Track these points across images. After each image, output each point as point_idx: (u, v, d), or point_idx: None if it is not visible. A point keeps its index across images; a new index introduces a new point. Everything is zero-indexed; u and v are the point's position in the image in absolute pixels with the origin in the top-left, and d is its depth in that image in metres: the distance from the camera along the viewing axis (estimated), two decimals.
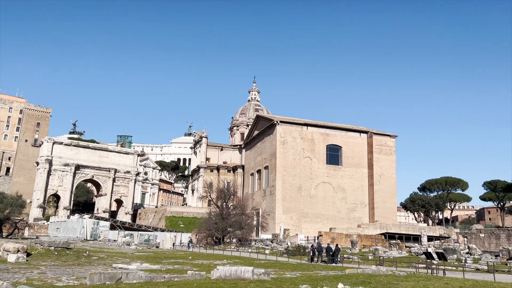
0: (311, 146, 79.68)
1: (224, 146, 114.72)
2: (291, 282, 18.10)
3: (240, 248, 50.81)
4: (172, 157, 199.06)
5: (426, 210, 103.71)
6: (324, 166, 79.70)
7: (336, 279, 19.20)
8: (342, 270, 24.71)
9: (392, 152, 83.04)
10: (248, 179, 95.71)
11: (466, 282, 19.45)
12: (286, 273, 22.67)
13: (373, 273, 22.40)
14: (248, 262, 31.06)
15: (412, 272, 24.57)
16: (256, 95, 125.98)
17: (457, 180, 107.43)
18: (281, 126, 78.64)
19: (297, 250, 42.13)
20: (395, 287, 17.03)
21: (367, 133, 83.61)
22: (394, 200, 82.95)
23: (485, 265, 29.88)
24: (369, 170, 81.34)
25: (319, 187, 78.25)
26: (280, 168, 76.55)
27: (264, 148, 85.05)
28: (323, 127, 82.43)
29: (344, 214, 78.19)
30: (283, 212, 74.41)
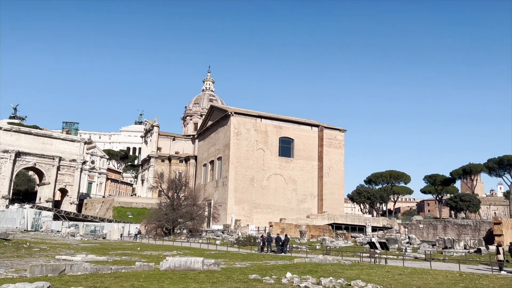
0: (265, 138, 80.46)
1: (176, 135, 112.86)
2: (241, 272, 18.30)
3: (191, 239, 50.51)
4: (122, 145, 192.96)
5: (371, 202, 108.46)
6: (277, 158, 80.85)
7: (284, 269, 19.65)
8: (291, 260, 25.33)
9: (341, 146, 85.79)
10: (200, 170, 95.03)
11: (405, 270, 20.65)
12: (236, 263, 22.87)
13: (320, 262, 23.16)
14: (199, 253, 30.99)
15: (357, 261, 25.69)
16: (211, 85, 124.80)
17: (400, 174, 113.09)
18: (235, 118, 78.62)
19: (248, 240, 42.57)
20: (340, 275, 17.73)
21: (318, 127, 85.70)
22: (342, 192, 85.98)
23: (423, 254, 31.84)
24: (319, 162, 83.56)
25: (271, 178, 79.35)
26: (234, 159, 76.68)
27: (217, 139, 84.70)
28: (277, 120, 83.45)
29: (294, 205, 79.97)
30: (235, 203, 74.76)
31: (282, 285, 14.45)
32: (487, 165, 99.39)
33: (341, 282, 14.97)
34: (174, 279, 15.57)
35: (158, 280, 15.07)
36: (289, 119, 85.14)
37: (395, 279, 17.15)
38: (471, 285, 15.86)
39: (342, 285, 14.66)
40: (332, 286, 14.21)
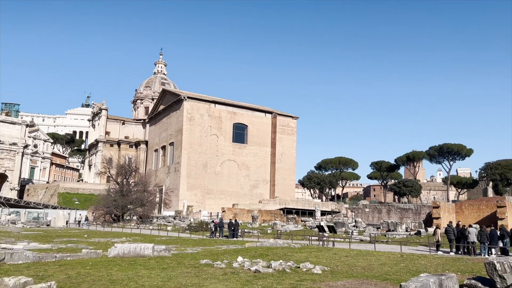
0: (218, 124, 79.98)
1: (126, 120, 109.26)
2: (192, 257, 18.24)
3: (141, 226, 49.57)
4: (67, 129, 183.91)
5: (321, 187, 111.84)
6: (230, 144, 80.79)
7: (236, 253, 19.83)
8: (242, 244, 25.59)
9: (294, 133, 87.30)
10: (151, 155, 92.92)
11: (351, 252, 21.56)
12: (187, 249, 22.76)
13: (270, 246, 23.61)
14: (149, 239, 30.50)
15: (306, 244, 26.46)
16: (163, 68, 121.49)
17: (349, 160, 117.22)
18: (188, 102, 77.33)
19: (200, 226, 42.47)
20: (290, 258, 18.18)
21: (272, 114, 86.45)
22: (293, 178, 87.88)
23: (368, 237, 33.40)
24: (272, 149, 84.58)
25: (225, 164, 79.30)
26: (186, 145, 75.67)
27: (170, 123, 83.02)
28: (231, 106, 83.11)
29: (247, 191, 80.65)
30: (187, 189, 74.09)
31: (233, 269, 14.58)
32: (428, 152, 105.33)
33: (290, 265, 15.35)
34: (123, 265, 15.23)
35: (106, 267, 14.67)
36: (243, 105, 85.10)
37: (342, 261, 17.86)
38: (411, 265, 16.87)
39: (292, 267, 15.04)
40: (281, 269, 14.54)
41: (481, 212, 41.46)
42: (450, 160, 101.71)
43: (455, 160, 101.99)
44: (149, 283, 11.57)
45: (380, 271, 15.06)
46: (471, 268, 16.13)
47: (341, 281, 12.43)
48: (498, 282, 10.22)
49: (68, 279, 12.10)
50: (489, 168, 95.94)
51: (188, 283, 11.57)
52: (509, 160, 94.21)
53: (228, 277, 12.72)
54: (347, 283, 12.05)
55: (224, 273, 13.53)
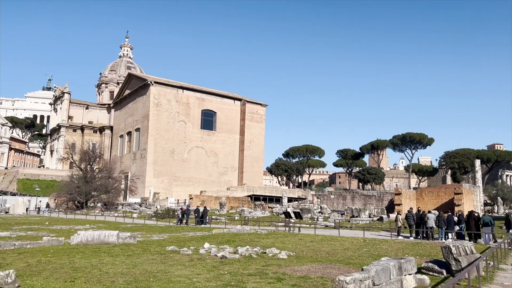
0: (186, 110, 78.91)
1: (90, 104, 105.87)
2: (158, 244, 18.09)
3: (106, 213, 48.57)
4: (27, 113, 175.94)
5: (288, 174, 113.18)
6: (199, 130, 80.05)
7: (203, 239, 19.83)
8: (209, 231, 25.62)
9: (262, 120, 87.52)
10: (117, 141, 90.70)
11: (316, 237, 22.06)
12: (153, 236, 22.55)
13: (238, 232, 23.76)
14: (114, 226, 29.97)
15: (273, 230, 26.81)
16: (129, 52, 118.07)
17: (316, 148, 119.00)
18: (155, 87, 75.72)
19: (167, 213, 42.09)
20: (257, 244, 18.38)
21: (241, 101, 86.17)
22: (261, 165, 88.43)
23: (333, 223, 34.22)
24: (241, 136, 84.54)
25: (193, 151, 78.61)
26: (153, 131, 74.32)
27: (136, 109, 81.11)
28: (199, 92, 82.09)
29: (215, 178, 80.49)
30: (154, 176, 73.05)
31: (199, 255, 14.59)
32: (392, 141, 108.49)
33: (257, 251, 15.52)
34: (86, 253, 14.91)
35: (68, 255, 14.32)
36: (212, 92, 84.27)
37: (307, 246, 18.25)
38: (373, 249, 17.47)
39: (258, 253, 15.21)
40: (248, 254, 14.68)
41: (440, 198, 43.36)
42: (412, 148, 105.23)
43: (417, 148, 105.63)
44: (114, 270, 11.39)
45: (344, 256, 15.50)
46: (429, 252, 16.89)
47: (306, 266, 12.70)
48: (453, 264, 10.76)
49: (28, 267, 11.72)
50: (448, 156, 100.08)
51: (154, 270, 11.48)
52: (467, 150, 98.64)
53: (195, 264, 12.72)
54: (311, 268, 12.33)
55: (191, 260, 13.52)
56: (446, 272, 10.98)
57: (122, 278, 10.18)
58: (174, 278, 10.25)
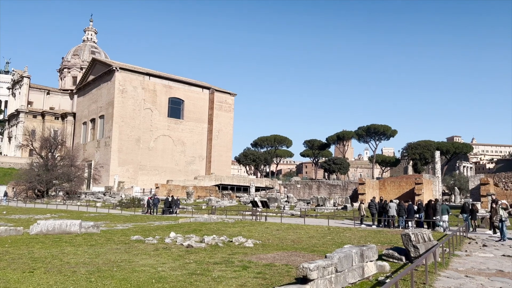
0: (153, 97, 77.31)
1: (52, 89, 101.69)
2: (122, 234, 17.79)
3: (68, 202, 47.13)
4: None
5: (256, 164, 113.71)
6: (165, 119, 78.73)
7: (168, 229, 19.66)
8: (176, 220, 25.43)
9: (231, 110, 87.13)
10: (80, 128, 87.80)
11: (282, 226, 22.36)
12: (118, 225, 22.14)
13: (204, 221, 23.71)
14: (76, 215, 29.18)
15: (240, 219, 26.95)
16: (93, 36, 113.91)
17: (284, 138, 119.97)
18: (120, 73, 73.60)
19: (132, 202, 41.38)
20: (223, 233, 18.42)
21: (209, 89, 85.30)
22: (230, 155, 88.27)
23: (299, 211, 34.79)
24: (209, 125, 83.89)
25: (159, 139, 77.33)
26: (118, 118, 72.42)
27: (100, 95, 78.65)
28: (167, 79, 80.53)
29: (182, 167, 79.69)
30: (118, 164, 71.41)
31: (165, 244, 14.46)
32: (357, 132, 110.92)
33: (223, 239, 15.56)
34: (47, 243, 14.45)
35: (27, 245, 13.82)
36: (179, 79, 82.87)
37: (273, 234, 18.47)
38: (337, 237, 17.91)
39: (224, 241, 15.26)
40: (214, 243, 14.70)
41: (401, 188, 44.93)
42: (376, 140, 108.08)
43: (380, 140, 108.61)
44: (75, 260, 11.11)
45: (308, 244, 15.81)
46: (390, 239, 17.50)
47: (271, 254, 12.87)
48: (412, 251, 11.21)
49: None
50: (410, 148, 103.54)
51: (118, 259, 11.29)
52: (428, 141, 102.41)
53: (160, 253, 12.61)
54: (277, 255, 12.51)
55: (156, 249, 13.39)
56: (405, 259, 11.43)
57: (84, 268, 9.95)
58: (139, 268, 10.12)
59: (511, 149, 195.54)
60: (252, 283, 8.68)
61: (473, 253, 14.12)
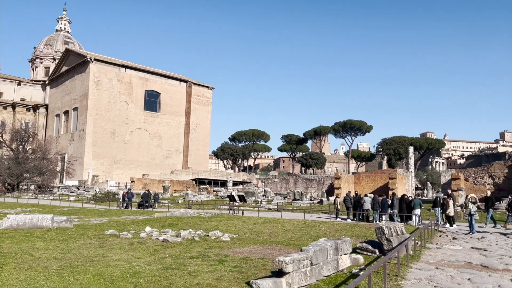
0: (129, 90, 75.91)
1: (23, 80, 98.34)
2: (96, 228, 17.47)
3: (40, 196, 45.93)
4: None
5: (234, 158, 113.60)
6: (142, 112, 77.50)
7: (144, 223, 19.43)
8: (151, 214, 25.15)
9: (209, 103, 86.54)
10: (52, 121, 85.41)
11: (259, 220, 22.44)
12: (91, 220, 21.73)
13: (181, 216, 23.54)
14: (48, 209, 28.44)
15: (217, 213, 26.88)
16: (67, 26, 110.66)
17: (261, 133, 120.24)
18: (95, 65, 71.88)
19: (106, 196, 40.67)
20: (200, 227, 18.35)
21: (187, 83, 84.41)
22: (207, 149, 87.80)
23: (276, 205, 35.04)
24: (186, 119, 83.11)
25: (135, 133, 76.12)
26: (92, 110, 70.82)
27: (74, 87, 76.64)
28: (143, 71, 79.16)
29: (159, 161, 78.79)
30: (93, 158, 69.96)
31: (140, 239, 14.29)
32: (333, 127, 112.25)
33: (200, 234, 15.50)
34: (17, 238, 14.04)
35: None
36: (156, 72, 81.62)
37: (250, 228, 18.52)
38: (312, 231, 18.12)
39: (201, 236, 15.20)
40: (191, 237, 14.62)
41: (376, 183, 45.83)
42: (352, 135, 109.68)
43: (356, 135, 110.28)
44: (47, 255, 10.83)
45: (285, 237, 15.94)
46: (364, 233, 17.83)
47: (248, 247, 12.90)
48: (385, 244, 11.46)
49: None
50: (385, 143, 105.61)
51: (91, 254, 11.08)
52: (402, 137, 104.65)
53: (135, 247, 12.45)
54: (253, 249, 12.55)
55: (131, 243, 13.21)
56: (379, 252, 11.67)
57: (56, 263, 9.72)
58: (113, 262, 9.96)
59: (481, 145, 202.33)
60: (228, 276, 8.68)
61: (443, 245, 14.56)
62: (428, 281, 8.73)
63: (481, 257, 12.13)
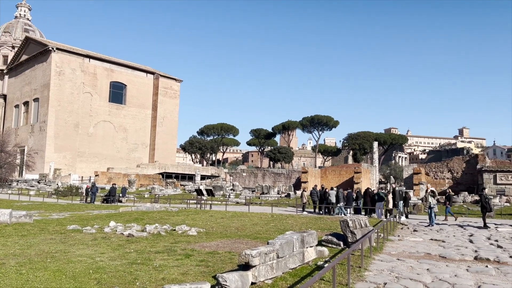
0: (93, 81, 73.56)
1: None
2: (58, 223, 16.91)
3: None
4: None
5: (203, 152, 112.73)
6: (107, 104, 75.36)
7: (108, 218, 18.98)
8: (116, 209, 24.61)
9: (177, 96, 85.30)
10: (11, 112, 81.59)
11: (227, 214, 22.44)
12: (53, 215, 21.00)
13: (147, 210, 23.17)
14: (6, 204, 27.25)
15: (184, 208, 26.65)
16: (27, 13, 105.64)
17: (230, 127, 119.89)
18: (57, 54, 69.13)
19: (69, 190, 39.43)
20: (166, 221, 18.13)
21: (154, 74, 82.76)
22: (175, 142, 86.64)
23: (244, 199, 35.13)
24: (153, 111, 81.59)
25: (99, 125, 73.98)
26: (54, 102, 68.18)
27: (34, 77, 73.44)
28: (108, 62, 76.84)
29: (124, 154, 77.05)
30: (54, 151, 67.48)
31: (104, 234, 13.95)
32: (301, 122, 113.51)
33: (166, 228, 15.32)
34: None
35: None
36: (122, 63, 79.49)
37: (217, 223, 18.49)
38: (280, 224, 18.32)
39: (167, 230, 15.03)
40: (157, 232, 14.42)
41: (341, 177, 46.82)
42: (319, 130, 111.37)
43: (323, 130, 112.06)
44: (4, 251, 10.38)
45: (252, 231, 16.03)
46: (329, 225, 18.20)
47: (215, 241, 12.88)
48: (349, 237, 11.74)
49: None
50: (350, 138, 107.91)
51: (52, 250, 10.71)
52: (367, 132, 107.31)
53: (98, 243, 12.14)
54: (220, 243, 12.54)
55: (94, 239, 12.87)
56: (343, 244, 11.95)
57: (14, 260, 9.33)
58: (75, 258, 9.68)
59: (441, 141, 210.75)
60: (194, 271, 8.63)
61: (404, 237, 15.09)
62: (390, 272, 9.02)
63: (439, 248, 12.66)
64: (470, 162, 43.91)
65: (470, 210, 28.04)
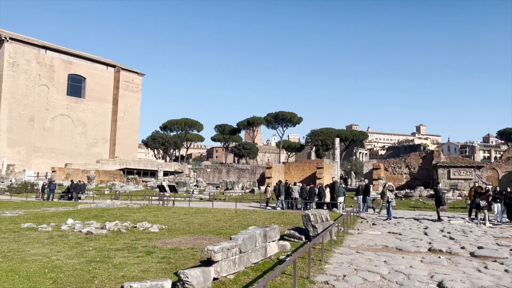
0: (50, 73, 70.45)
1: None
2: (11, 221, 16.14)
3: None
4: None
5: (166, 147, 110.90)
6: (64, 97, 72.45)
7: (66, 215, 18.34)
8: (75, 206, 23.81)
9: (139, 90, 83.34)
10: None
11: (190, 210, 22.26)
12: (6, 212, 20.03)
13: (107, 207, 22.58)
14: None
15: (146, 204, 26.16)
16: None
17: (194, 122, 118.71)
18: (11, 44, 65.64)
19: (24, 187, 37.74)
20: (127, 218, 17.74)
21: (114, 67, 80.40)
22: (136, 137, 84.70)
23: (208, 195, 34.97)
24: (113, 105, 79.32)
25: (57, 119, 71.07)
26: (8, 94, 64.77)
27: None
28: (66, 54, 73.82)
29: (83, 150, 74.50)
30: (8, 146, 64.20)
31: (61, 232, 13.46)
32: (266, 118, 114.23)
33: (127, 225, 14.99)
34: None
35: None
36: (81, 55, 76.60)
37: (180, 219, 18.29)
38: (243, 220, 18.38)
39: (128, 227, 14.71)
40: (117, 229, 14.08)
41: (304, 172, 47.57)
42: (283, 126, 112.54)
43: (287, 126, 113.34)
44: None
45: (215, 227, 15.98)
46: (292, 220, 18.47)
47: (177, 238, 12.74)
48: (311, 231, 11.97)
49: None
50: (313, 134, 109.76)
51: (4, 249, 10.21)
52: (329, 129, 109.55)
53: (55, 241, 11.70)
54: (182, 240, 12.42)
55: (50, 237, 12.39)
56: (305, 238, 12.17)
57: None
58: (29, 257, 9.28)
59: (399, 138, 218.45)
60: (155, 268, 8.51)
61: (364, 231, 15.56)
62: (349, 265, 9.28)
63: (396, 241, 13.16)
64: (426, 158, 45.85)
65: (426, 204, 29.33)
